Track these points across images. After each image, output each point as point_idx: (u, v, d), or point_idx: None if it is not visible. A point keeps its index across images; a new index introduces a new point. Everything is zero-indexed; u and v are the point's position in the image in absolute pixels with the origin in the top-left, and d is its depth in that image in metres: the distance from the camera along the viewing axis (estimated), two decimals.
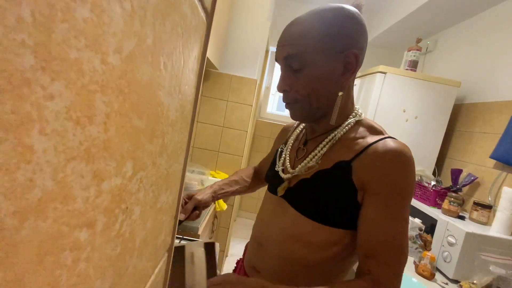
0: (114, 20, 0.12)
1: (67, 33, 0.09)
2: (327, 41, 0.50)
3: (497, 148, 1.33)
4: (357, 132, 0.56)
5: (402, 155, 0.49)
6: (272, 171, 0.66)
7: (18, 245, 0.09)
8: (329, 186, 0.53)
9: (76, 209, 0.12)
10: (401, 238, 0.49)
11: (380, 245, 0.49)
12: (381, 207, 0.49)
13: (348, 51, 0.51)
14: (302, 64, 0.51)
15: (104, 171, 0.14)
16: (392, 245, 0.49)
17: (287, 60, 0.53)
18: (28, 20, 0.08)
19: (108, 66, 0.12)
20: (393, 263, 0.49)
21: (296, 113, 0.57)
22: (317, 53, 0.51)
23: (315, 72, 0.52)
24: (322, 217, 0.53)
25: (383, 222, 0.49)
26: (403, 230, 0.50)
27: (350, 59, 0.52)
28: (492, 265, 1.06)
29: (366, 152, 0.51)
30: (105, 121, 0.13)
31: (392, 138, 0.53)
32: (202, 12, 0.26)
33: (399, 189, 0.49)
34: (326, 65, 0.51)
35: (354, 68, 0.53)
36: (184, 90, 0.25)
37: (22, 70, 0.08)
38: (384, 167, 0.49)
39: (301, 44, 0.51)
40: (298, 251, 0.54)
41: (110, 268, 0.17)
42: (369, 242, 0.50)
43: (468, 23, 1.79)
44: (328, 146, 0.56)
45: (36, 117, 0.09)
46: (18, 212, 0.09)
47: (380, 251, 0.49)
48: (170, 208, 0.29)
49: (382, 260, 0.48)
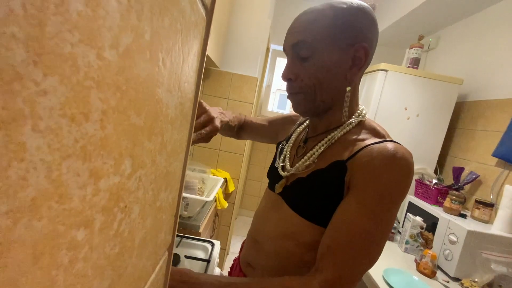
0: (109, 14, 0.11)
1: (61, 27, 0.09)
2: (337, 31, 0.49)
3: (499, 146, 1.33)
4: (358, 133, 0.54)
5: (397, 157, 0.46)
6: (272, 167, 0.66)
7: (11, 245, 0.09)
8: (323, 186, 0.52)
9: (73, 208, 0.12)
10: (372, 240, 0.45)
11: (344, 244, 0.45)
12: (358, 203, 0.46)
13: (359, 44, 0.50)
14: (310, 52, 0.50)
15: (101, 169, 0.13)
16: (357, 246, 0.45)
17: (295, 47, 0.52)
18: (18, 12, 0.08)
19: (104, 62, 0.12)
20: (351, 266, 0.45)
21: (299, 104, 0.55)
22: (326, 42, 0.49)
23: (322, 62, 0.50)
24: (315, 216, 0.52)
25: (355, 218, 0.45)
26: (376, 233, 0.45)
27: (360, 54, 0.50)
28: (493, 263, 1.06)
29: (361, 152, 0.49)
30: (101, 118, 0.12)
31: (394, 142, 0.50)
32: (202, 8, 0.25)
33: (383, 189, 0.45)
34: (335, 56, 0.50)
35: (363, 63, 0.51)
36: (184, 88, 0.25)
37: (13, 64, 0.08)
38: (372, 164, 0.46)
39: (311, 31, 0.49)
40: (291, 249, 0.54)
41: (108, 268, 0.17)
42: (333, 237, 0.47)
43: (471, 20, 1.78)
44: (326, 146, 0.55)
45: (28, 113, 0.08)
46: (11, 211, 0.08)
47: (342, 250, 0.45)
48: (170, 206, 0.29)
49: (340, 260, 0.45)
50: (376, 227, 0.45)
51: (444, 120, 1.62)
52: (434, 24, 2.00)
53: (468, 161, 1.55)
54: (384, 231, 0.46)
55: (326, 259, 0.46)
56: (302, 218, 0.53)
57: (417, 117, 1.60)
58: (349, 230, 0.46)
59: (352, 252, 0.45)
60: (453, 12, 1.78)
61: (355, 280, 0.46)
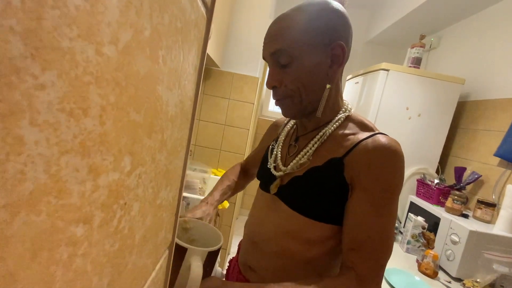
0: (108, 9, 0.11)
1: (59, 21, 0.09)
2: (313, 34, 0.51)
3: (501, 146, 1.32)
4: (347, 128, 0.56)
5: (391, 150, 0.49)
6: (264, 169, 0.65)
7: (9, 239, 0.09)
8: (321, 183, 0.53)
9: (72, 204, 0.12)
10: (386, 233, 0.50)
11: (365, 240, 0.49)
12: (368, 203, 0.49)
13: (334, 43, 0.51)
14: (289, 58, 0.51)
15: (100, 165, 0.13)
16: (376, 240, 0.49)
17: (274, 55, 0.53)
18: (16, 5, 0.08)
19: (103, 57, 0.12)
20: (376, 258, 0.49)
21: (287, 109, 0.57)
22: (303, 46, 0.51)
23: (303, 66, 0.52)
24: (315, 213, 0.53)
25: (369, 217, 0.49)
26: (388, 225, 0.50)
27: (337, 51, 0.52)
28: (495, 264, 1.05)
29: (357, 148, 0.51)
30: (100, 114, 0.12)
31: (382, 134, 0.53)
32: (202, 6, 0.25)
33: (387, 185, 0.49)
34: (314, 58, 0.52)
35: (342, 60, 0.53)
36: (184, 86, 0.25)
37: (10, 57, 0.08)
38: (372, 162, 0.49)
39: (287, 38, 0.51)
40: (294, 247, 0.54)
41: (108, 265, 0.16)
42: (353, 236, 0.50)
43: (473, 19, 1.77)
44: (319, 143, 0.56)
45: (26, 107, 0.08)
46: (8, 205, 0.08)
47: (364, 246, 0.49)
48: (170, 205, 0.28)
49: (366, 255, 0.49)
50: (388, 220, 0.50)
51: (446, 119, 1.61)
52: (435, 24, 1.99)
53: (470, 161, 1.54)
54: (392, 221, 0.51)
55: (353, 259, 0.50)
56: (302, 216, 0.53)
57: (419, 117, 1.60)
58: (366, 229, 0.49)
59: (375, 248, 0.49)
60: (455, 11, 1.77)
61: (382, 272, 0.50)
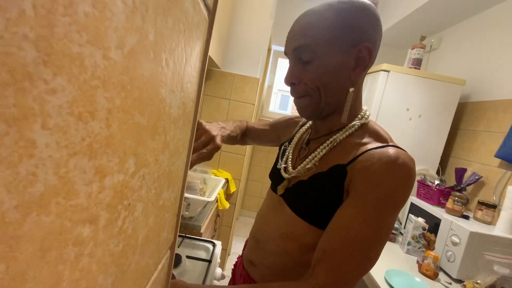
0: (115, 15, 0.12)
1: (69, 27, 0.09)
2: (339, 33, 0.48)
3: (502, 147, 1.32)
4: (360, 137, 0.53)
5: (398, 163, 0.45)
6: (275, 168, 0.66)
7: (20, 239, 0.09)
8: (323, 189, 0.51)
9: (79, 205, 0.12)
10: (367, 245, 0.44)
11: (339, 247, 0.45)
12: (355, 207, 0.45)
13: (362, 45, 0.49)
14: (312, 55, 0.49)
15: (106, 167, 0.14)
16: (352, 250, 0.44)
17: (297, 51, 0.51)
18: (29, 14, 0.08)
19: (110, 62, 0.12)
20: (345, 271, 0.44)
21: (304, 108, 0.55)
22: (328, 45, 0.48)
23: (325, 65, 0.49)
24: (315, 219, 0.52)
25: (351, 223, 0.45)
26: (372, 238, 0.44)
27: (363, 54, 0.49)
28: (496, 265, 1.05)
29: (362, 156, 0.48)
30: (107, 117, 0.13)
31: (396, 147, 0.49)
32: (204, 9, 0.25)
33: (384, 196, 0.45)
34: (337, 58, 0.49)
35: (367, 64, 0.50)
36: (186, 88, 0.25)
37: (23, 64, 0.08)
38: (374, 170, 0.45)
39: (312, 34, 0.49)
40: (291, 250, 0.55)
41: (112, 264, 0.17)
42: (329, 240, 0.46)
43: (473, 20, 1.77)
44: (328, 149, 0.54)
45: (38, 111, 0.09)
46: (20, 206, 0.09)
47: (337, 253, 0.45)
48: (173, 205, 0.29)
49: (336, 264, 0.44)
50: (372, 233, 0.45)
51: (447, 120, 1.61)
52: (436, 25, 1.99)
53: (471, 162, 1.54)
54: (381, 236, 0.45)
55: (321, 264, 0.45)
56: (303, 220, 0.53)
57: (419, 118, 1.60)
58: (345, 235, 0.45)
59: (348, 257, 0.44)
60: (455, 12, 1.77)
61: (349, 286, 0.45)
